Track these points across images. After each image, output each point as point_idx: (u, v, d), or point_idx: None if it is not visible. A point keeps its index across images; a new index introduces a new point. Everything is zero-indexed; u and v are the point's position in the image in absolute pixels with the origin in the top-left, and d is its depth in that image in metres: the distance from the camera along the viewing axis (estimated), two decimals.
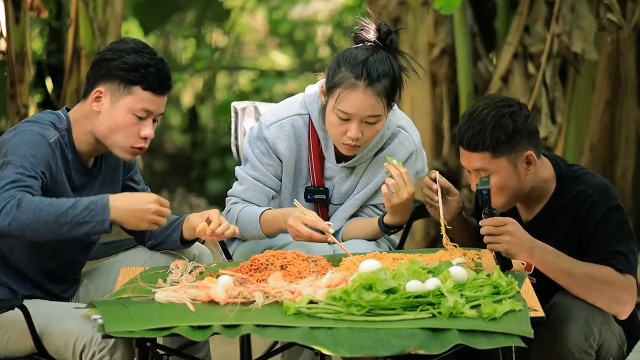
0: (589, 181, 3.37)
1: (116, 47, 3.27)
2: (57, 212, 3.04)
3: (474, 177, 3.34)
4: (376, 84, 3.52)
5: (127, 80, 3.22)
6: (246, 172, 3.73)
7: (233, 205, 3.71)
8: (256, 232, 3.65)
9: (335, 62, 3.59)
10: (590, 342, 3.21)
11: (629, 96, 6.38)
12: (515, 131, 3.29)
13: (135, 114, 3.24)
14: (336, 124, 3.57)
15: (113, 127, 3.24)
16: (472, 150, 3.31)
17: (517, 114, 3.31)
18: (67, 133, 3.27)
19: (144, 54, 3.24)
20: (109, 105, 3.24)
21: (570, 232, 3.35)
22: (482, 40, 6.94)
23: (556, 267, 3.22)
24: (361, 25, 3.61)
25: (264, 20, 11.92)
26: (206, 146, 11.11)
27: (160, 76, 3.25)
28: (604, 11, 5.70)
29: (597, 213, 3.31)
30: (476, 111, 3.32)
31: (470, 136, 3.30)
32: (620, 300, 3.24)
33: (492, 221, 3.19)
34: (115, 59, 3.23)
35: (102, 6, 7.17)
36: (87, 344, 3.02)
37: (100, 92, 3.24)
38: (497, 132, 3.28)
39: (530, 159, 3.32)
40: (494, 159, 3.29)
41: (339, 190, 3.75)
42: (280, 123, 3.71)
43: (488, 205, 3.20)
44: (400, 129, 3.74)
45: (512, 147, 3.30)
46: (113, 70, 3.22)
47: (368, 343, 2.74)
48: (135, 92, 3.23)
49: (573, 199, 3.36)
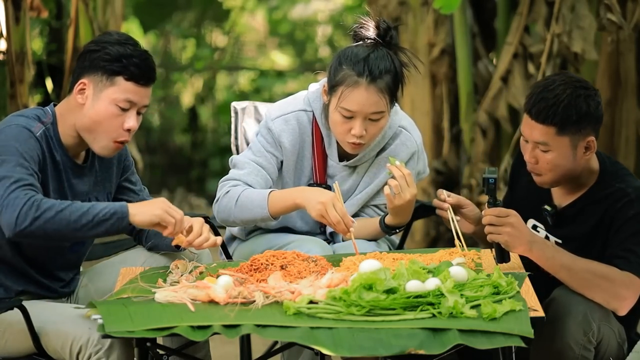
0: (631, 182, 3.38)
1: (100, 39, 3.27)
2: (78, 212, 3.08)
3: (531, 147, 3.33)
4: (378, 81, 3.52)
5: (110, 71, 3.22)
6: (249, 158, 3.70)
7: (233, 188, 3.64)
8: (259, 212, 3.57)
9: (336, 60, 3.59)
10: (589, 338, 3.21)
11: (629, 96, 6.38)
12: (586, 115, 3.28)
13: (118, 105, 3.23)
14: (340, 122, 3.57)
15: (96, 118, 3.23)
16: (540, 122, 3.29)
17: (592, 98, 3.31)
18: (53, 127, 3.26)
19: (127, 46, 3.24)
20: (92, 96, 3.23)
21: (599, 226, 3.35)
22: (482, 40, 6.94)
23: (555, 262, 3.23)
24: (360, 23, 3.62)
25: (264, 20, 11.92)
26: (206, 146, 11.11)
27: (144, 67, 3.24)
28: (604, 11, 5.70)
29: (629, 212, 3.31)
30: (552, 84, 3.30)
31: (542, 108, 3.28)
32: (619, 296, 3.24)
33: (495, 211, 3.19)
34: (98, 51, 3.23)
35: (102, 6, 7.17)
36: (83, 345, 3.02)
37: (84, 84, 3.24)
38: (569, 110, 3.27)
39: (590, 144, 3.32)
40: (558, 135, 3.29)
41: (340, 189, 3.75)
42: (285, 117, 3.71)
43: (493, 195, 3.21)
44: (402, 129, 3.74)
45: (578, 129, 3.29)
46: (96, 62, 3.22)
47: (368, 343, 2.74)
48: (118, 82, 3.22)
49: (611, 194, 3.36)
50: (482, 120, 6.52)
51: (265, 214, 3.57)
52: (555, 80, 3.33)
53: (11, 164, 3.11)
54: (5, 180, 3.08)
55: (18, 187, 3.07)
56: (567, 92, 3.28)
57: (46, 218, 3.05)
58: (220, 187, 3.70)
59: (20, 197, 3.06)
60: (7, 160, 3.12)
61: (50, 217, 3.05)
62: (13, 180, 3.08)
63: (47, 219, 3.05)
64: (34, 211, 3.04)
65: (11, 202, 3.06)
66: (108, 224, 3.11)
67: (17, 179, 3.08)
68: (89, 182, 3.35)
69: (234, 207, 3.60)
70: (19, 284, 3.30)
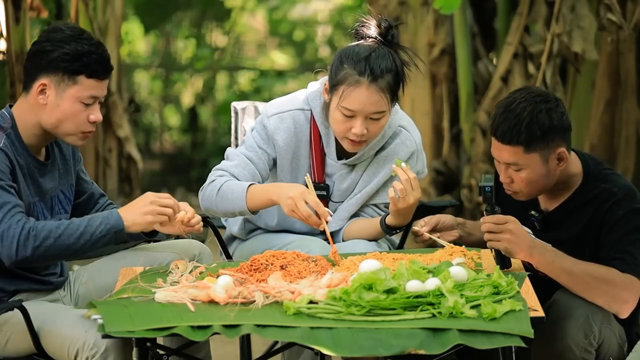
0: (616, 181, 3.38)
1: (53, 37, 3.25)
2: (76, 233, 3.14)
3: (504, 168, 3.34)
4: (379, 80, 3.52)
5: (71, 71, 3.22)
6: (240, 151, 3.71)
7: (219, 177, 3.65)
8: (237, 204, 3.58)
9: (337, 59, 3.59)
10: (590, 340, 3.21)
11: (629, 96, 6.39)
12: (550, 128, 3.29)
13: (82, 102, 3.25)
14: (341, 121, 3.57)
15: (62, 117, 3.25)
16: (506, 144, 3.30)
17: (554, 110, 3.30)
18: (13, 130, 3.26)
19: (83, 42, 3.24)
20: (55, 97, 3.24)
21: (588, 227, 3.35)
22: (482, 40, 6.95)
23: (556, 266, 3.22)
24: (361, 22, 3.62)
25: (264, 20, 11.93)
26: (206, 146, 11.11)
27: (103, 61, 3.26)
28: (604, 11, 5.71)
29: (618, 212, 3.31)
30: (513, 104, 3.30)
31: (505, 129, 3.29)
32: (620, 299, 3.24)
33: (494, 219, 3.19)
34: (54, 50, 3.22)
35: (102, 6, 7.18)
36: (80, 348, 3.02)
37: (44, 84, 3.24)
38: (532, 128, 3.27)
39: (562, 155, 3.32)
40: (526, 154, 3.29)
41: (339, 188, 3.75)
42: (281, 115, 3.71)
43: (490, 202, 3.20)
44: (402, 128, 3.74)
45: (545, 143, 3.29)
46: (55, 62, 3.22)
47: (368, 343, 2.74)
48: (80, 81, 3.24)
49: (597, 196, 3.36)
50: (482, 120, 6.52)
51: (244, 207, 3.57)
52: (516, 98, 3.32)
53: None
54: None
55: (6, 214, 3.10)
56: (527, 110, 3.28)
57: (46, 246, 3.11)
58: (209, 176, 3.71)
59: (13, 227, 3.10)
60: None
61: (50, 244, 3.12)
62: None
63: (48, 246, 3.12)
64: (32, 241, 3.10)
65: (5, 232, 3.09)
66: (106, 239, 3.18)
67: (0, 205, 3.11)
68: (54, 178, 3.37)
69: (215, 196, 3.61)
70: (12, 284, 3.30)
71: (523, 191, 3.33)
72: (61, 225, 3.14)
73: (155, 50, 11.72)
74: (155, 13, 10.78)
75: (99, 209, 3.52)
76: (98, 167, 7.93)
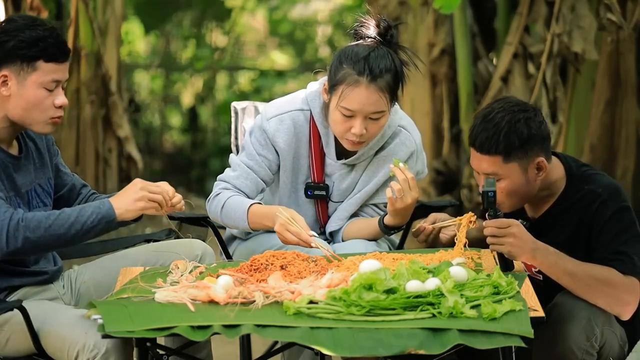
0: (600, 181, 3.37)
1: (7, 27, 3.25)
2: (67, 223, 3.14)
3: (483, 178, 3.33)
4: (379, 80, 3.52)
5: (29, 58, 3.22)
6: (241, 160, 3.72)
7: (223, 190, 3.69)
8: (241, 223, 3.63)
9: (336, 59, 3.59)
10: (592, 343, 3.21)
11: (629, 96, 6.39)
12: (528, 137, 3.28)
13: (45, 87, 3.25)
14: (340, 121, 3.57)
15: (27, 106, 3.25)
16: (484, 154, 3.29)
17: (532, 120, 3.30)
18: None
19: (37, 28, 3.24)
20: (17, 86, 3.24)
21: (578, 231, 3.35)
22: (482, 40, 6.95)
23: (558, 269, 3.22)
24: (360, 22, 3.62)
25: (264, 20, 11.93)
26: (206, 146, 11.12)
27: (59, 44, 3.26)
28: (604, 11, 5.71)
29: (606, 213, 3.30)
30: (491, 114, 3.30)
31: (484, 139, 3.28)
32: (622, 301, 3.24)
33: (496, 223, 3.18)
34: (10, 40, 3.22)
35: (102, 6, 7.18)
36: (80, 350, 3.01)
37: (5, 76, 3.24)
38: (510, 137, 3.26)
39: (541, 165, 3.31)
40: (505, 163, 3.29)
41: (338, 187, 3.75)
42: (280, 117, 3.71)
43: (493, 206, 3.19)
44: (402, 128, 3.74)
45: (524, 153, 3.29)
46: (12, 51, 3.22)
47: (368, 343, 2.74)
48: (39, 66, 3.23)
49: (582, 198, 3.35)
50: None
51: (247, 228, 3.64)
52: (494, 108, 3.31)
53: None
54: None
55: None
56: (505, 119, 3.27)
57: (37, 236, 3.11)
58: (214, 186, 3.75)
59: (1, 217, 3.09)
60: None
61: (41, 234, 3.12)
62: None
63: (38, 236, 3.11)
64: (22, 231, 3.10)
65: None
66: (97, 229, 3.18)
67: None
68: (29, 172, 3.36)
69: (220, 213, 3.66)
70: (8, 281, 3.29)
71: (505, 202, 3.31)
72: (51, 215, 3.14)
73: (155, 50, 11.73)
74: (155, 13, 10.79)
75: (82, 200, 3.52)
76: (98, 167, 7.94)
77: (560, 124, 6.39)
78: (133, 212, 3.22)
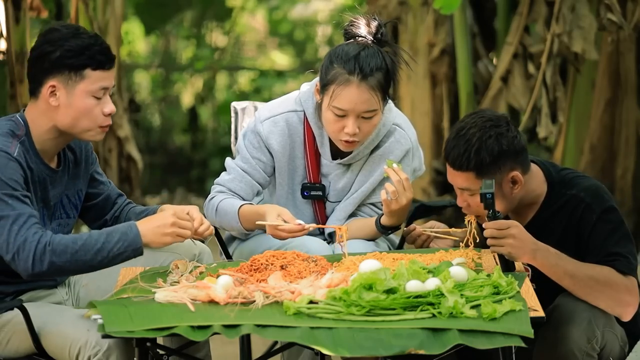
0: (581, 184, 3.36)
1: (51, 37, 3.24)
2: (93, 249, 3.11)
3: (459, 193, 3.35)
4: (370, 78, 3.52)
5: (77, 67, 3.22)
6: (235, 163, 3.74)
7: (217, 194, 3.72)
8: (236, 225, 3.65)
9: (327, 59, 3.60)
10: (592, 344, 3.21)
11: (629, 96, 6.39)
12: (500, 153, 3.28)
13: (94, 95, 3.25)
14: (333, 120, 3.57)
15: (77, 115, 3.24)
16: (457, 170, 3.30)
17: (504, 135, 3.29)
18: (27, 138, 3.25)
19: (81, 36, 3.24)
20: (66, 96, 3.23)
21: (565, 237, 3.35)
22: (482, 40, 6.95)
23: (559, 270, 3.22)
24: (351, 22, 3.63)
25: (264, 20, 11.93)
26: (206, 146, 11.11)
27: (105, 51, 3.27)
28: (604, 11, 5.71)
29: (592, 216, 3.30)
30: (463, 129, 3.30)
31: (455, 156, 3.29)
32: (623, 302, 3.24)
33: (496, 224, 3.18)
34: (55, 50, 3.22)
35: (102, 6, 7.18)
36: (82, 347, 3.02)
37: (53, 86, 3.23)
38: (481, 154, 3.27)
39: (515, 179, 3.31)
40: (478, 179, 3.28)
41: (335, 188, 3.75)
42: (274, 119, 3.72)
43: (492, 208, 3.19)
44: (397, 126, 3.74)
45: (497, 168, 3.28)
46: (59, 62, 3.22)
47: (368, 343, 2.74)
48: (87, 75, 3.23)
49: (565, 204, 3.35)
50: None
51: (242, 230, 3.66)
52: (467, 123, 3.31)
53: (4, 198, 3.09)
54: (4, 221, 3.08)
55: (22, 227, 3.08)
56: (477, 136, 3.27)
57: (63, 261, 3.09)
58: (211, 189, 3.78)
59: (29, 239, 3.07)
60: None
61: (67, 259, 3.09)
62: (12, 219, 3.08)
63: (64, 261, 3.09)
64: (49, 256, 3.07)
65: (21, 246, 3.08)
66: (124, 255, 3.15)
67: (16, 217, 3.09)
68: (62, 183, 3.36)
69: (215, 216, 3.69)
70: (16, 286, 3.28)
71: (482, 215, 3.30)
72: (78, 240, 3.11)
73: (155, 50, 11.73)
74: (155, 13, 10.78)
75: (117, 209, 3.52)
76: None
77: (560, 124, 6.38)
78: (158, 245, 3.19)
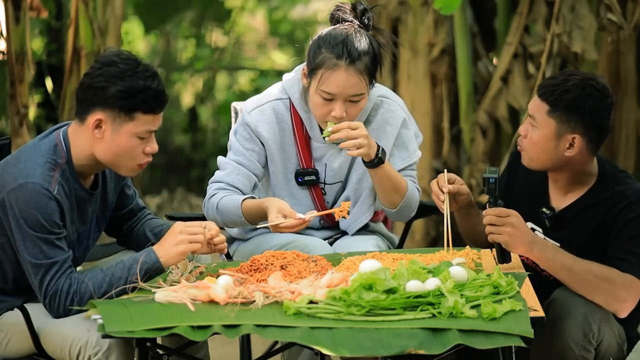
0: (630, 184, 3.39)
1: (107, 72, 3.15)
2: (118, 283, 3.10)
3: (527, 120, 3.38)
4: (357, 62, 3.55)
5: (127, 108, 3.15)
6: (229, 158, 3.75)
7: (216, 191, 3.70)
8: (239, 220, 3.64)
9: (315, 44, 3.63)
10: (589, 339, 3.21)
11: (629, 96, 6.38)
12: (579, 106, 3.31)
13: (139, 136, 3.19)
14: (320, 104, 3.60)
15: (118, 152, 3.19)
16: (539, 95, 3.36)
17: (596, 100, 3.32)
18: (68, 165, 3.21)
19: (138, 75, 3.15)
20: (111, 132, 3.17)
21: (600, 229, 3.36)
22: (482, 40, 6.94)
23: (556, 263, 3.23)
24: (337, 6, 3.66)
25: (264, 20, 11.93)
26: (206, 146, 11.10)
27: (159, 96, 3.19)
28: (604, 11, 5.70)
29: (629, 214, 3.32)
30: (573, 73, 3.38)
31: (547, 84, 3.36)
32: (619, 298, 3.24)
33: (496, 211, 3.20)
34: (109, 87, 3.13)
35: (102, 6, 7.17)
36: (82, 347, 3.02)
37: (99, 119, 3.16)
38: (566, 95, 3.31)
39: (574, 142, 3.33)
40: (547, 115, 3.32)
41: (331, 168, 3.76)
42: (261, 108, 3.74)
43: (493, 194, 3.21)
44: (383, 97, 3.76)
45: (568, 118, 3.31)
46: (111, 100, 3.14)
47: (368, 343, 2.75)
48: (136, 117, 3.17)
49: (610, 197, 3.36)
50: (482, 120, 6.52)
51: (247, 223, 3.64)
52: (581, 73, 3.38)
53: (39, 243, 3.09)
54: (39, 269, 3.09)
55: (54, 275, 3.09)
56: (576, 82, 3.33)
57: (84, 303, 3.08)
58: (207, 189, 3.76)
59: (60, 289, 3.08)
60: (31, 238, 3.09)
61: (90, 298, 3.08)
62: (45, 269, 3.09)
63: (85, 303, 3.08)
64: (76, 304, 3.08)
65: (53, 296, 3.09)
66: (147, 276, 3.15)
67: (48, 267, 3.09)
68: (97, 203, 3.36)
69: (216, 214, 3.67)
70: (20, 298, 3.28)
71: (527, 151, 3.37)
72: (103, 283, 3.10)
73: (155, 50, 11.72)
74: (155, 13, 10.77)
75: (136, 220, 3.51)
76: None
77: None
78: (176, 258, 3.16)
